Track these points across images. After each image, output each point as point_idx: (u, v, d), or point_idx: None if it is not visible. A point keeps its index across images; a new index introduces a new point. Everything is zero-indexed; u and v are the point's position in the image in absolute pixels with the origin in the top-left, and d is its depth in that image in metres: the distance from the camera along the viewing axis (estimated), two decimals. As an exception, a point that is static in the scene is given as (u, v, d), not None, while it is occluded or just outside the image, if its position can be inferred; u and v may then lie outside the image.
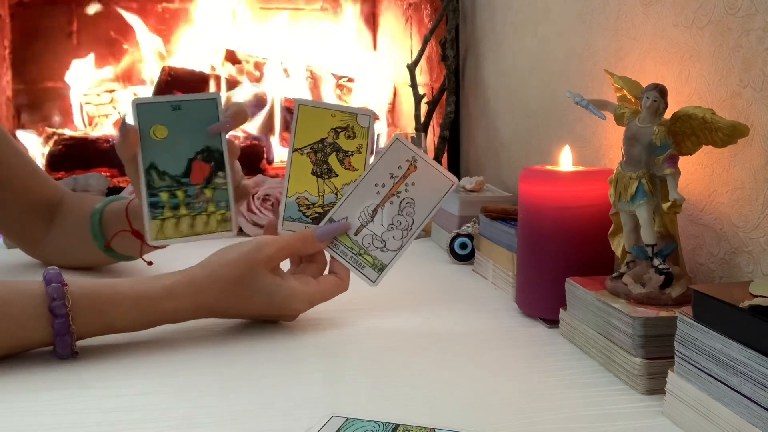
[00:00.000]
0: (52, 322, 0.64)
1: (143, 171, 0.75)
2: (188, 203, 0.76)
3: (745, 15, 0.65)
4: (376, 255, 0.75)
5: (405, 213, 0.75)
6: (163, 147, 0.76)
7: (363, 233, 0.76)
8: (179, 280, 0.70)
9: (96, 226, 0.92)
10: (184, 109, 0.77)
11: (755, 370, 0.45)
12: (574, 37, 1.00)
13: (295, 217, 0.77)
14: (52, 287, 0.64)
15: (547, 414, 0.55)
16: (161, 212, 0.75)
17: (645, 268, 0.65)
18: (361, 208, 0.76)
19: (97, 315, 0.66)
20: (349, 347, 0.70)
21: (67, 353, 0.65)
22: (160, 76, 1.86)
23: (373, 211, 0.76)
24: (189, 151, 0.77)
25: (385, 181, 0.76)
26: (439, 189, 0.76)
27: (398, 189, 0.76)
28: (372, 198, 0.76)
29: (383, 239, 0.75)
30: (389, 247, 0.75)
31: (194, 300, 0.70)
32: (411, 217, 0.75)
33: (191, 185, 0.76)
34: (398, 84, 2.01)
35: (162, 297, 0.69)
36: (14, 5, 1.91)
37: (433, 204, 0.76)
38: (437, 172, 0.76)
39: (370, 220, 0.76)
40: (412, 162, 0.76)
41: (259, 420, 0.54)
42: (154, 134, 0.76)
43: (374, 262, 0.75)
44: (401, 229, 0.75)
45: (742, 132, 0.60)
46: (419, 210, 0.76)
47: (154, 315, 0.69)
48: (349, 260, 0.76)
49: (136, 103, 0.76)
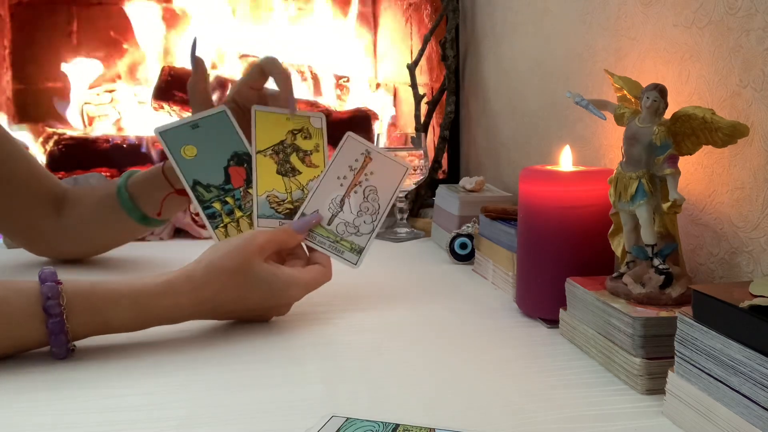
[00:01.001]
0: (47, 321, 0.63)
1: (190, 190, 0.82)
2: (240, 206, 0.83)
3: (745, 15, 0.65)
4: (352, 240, 0.81)
5: (370, 199, 0.83)
6: (197, 164, 0.83)
7: (336, 222, 0.82)
8: (177, 275, 0.70)
9: (127, 202, 0.95)
10: (202, 126, 0.84)
11: (755, 370, 0.45)
12: (574, 37, 1.00)
13: (268, 214, 0.82)
14: (47, 286, 0.64)
15: (547, 414, 0.55)
16: (221, 220, 0.82)
17: (645, 268, 0.65)
18: (329, 200, 0.82)
19: (92, 314, 0.66)
20: (349, 347, 0.70)
21: (62, 353, 0.65)
22: (160, 76, 1.86)
23: (340, 202, 0.82)
24: (221, 160, 0.83)
25: (346, 173, 0.83)
26: (395, 175, 0.84)
27: (359, 179, 0.83)
28: (337, 190, 0.83)
29: (355, 225, 0.82)
30: (362, 231, 0.82)
31: (194, 295, 0.70)
32: (376, 203, 0.83)
33: (235, 189, 0.83)
34: (398, 84, 2.01)
35: (160, 293, 0.68)
36: (14, 5, 1.91)
37: (393, 188, 0.84)
38: (391, 161, 0.85)
39: (339, 210, 0.82)
40: (367, 154, 0.84)
41: (259, 420, 0.54)
42: (185, 154, 0.83)
43: (352, 247, 0.81)
44: (370, 213, 0.82)
45: (742, 132, 0.60)
46: (382, 195, 0.83)
47: (152, 312, 0.68)
48: (328, 248, 0.81)
49: (160, 132, 0.83)
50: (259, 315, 0.76)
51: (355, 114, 1.84)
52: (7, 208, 0.98)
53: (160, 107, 1.85)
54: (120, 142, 1.70)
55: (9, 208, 0.98)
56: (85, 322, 0.65)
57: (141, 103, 1.91)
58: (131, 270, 1.00)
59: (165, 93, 1.85)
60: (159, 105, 1.85)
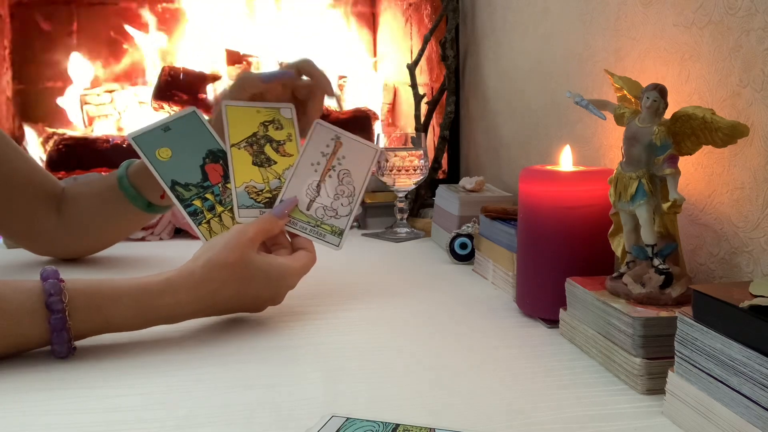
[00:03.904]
0: (49, 318, 0.63)
1: (169, 190, 0.83)
2: (220, 201, 0.84)
3: (745, 15, 0.65)
4: (332, 223, 0.83)
5: (345, 182, 0.85)
6: (173, 164, 0.84)
7: (314, 207, 0.83)
8: (178, 273, 0.70)
9: (130, 190, 0.95)
10: (173, 128, 0.86)
11: (755, 370, 0.45)
12: (574, 37, 1.00)
13: (248, 204, 0.83)
14: (49, 283, 0.64)
15: (547, 414, 0.55)
16: (203, 216, 0.83)
17: (645, 268, 0.65)
18: (306, 186, 0.84)
19: (94, 311, 0.66)
20: (349, 347, 0.70)
21: (64, 350, 0.65)
22: (159, 76, 1.86)
23: (317, 187, 0.84)
24: (197, 159, 0.85)
25: (319, 159, 0.85)
26: (367, 157, 0.86)
27: (332, 164, 0.85)
28: (312, 176, 0.84)
29: (333, 208, 0.84)
30: (341, 214, 0.84)
31: (195, 292, 0.70)
32: (351, 185, 0.85)
33: (214, 185, 0.84)
34: (398, 84, 2.01)
35: (162, 290, 0.69)
36: (14, 5, 1.91)
37: (366, 170, 0.86)
38: (361, 144, 0.87)
39: (317, 195, 0.84)
40: (337, 139, 0.86)
41: (259, 420, 0.54)
42: (160, 156, 0.84)
43: (332, 229, 0.83)
44: (346, 196, 0.84)
45: (742, 132, 0.60)
46: (356, 178, 0.85)
47: (153, 310, 0.69)
48: (309, 233, 0.82)
49: (133, 137, 0.85)
50: (255, 306, 0.77)
51: (355, 114, 1.84)
52: (6, 209, 0.98)
53: (160, 107, 1.85)
54: (120, 142, 1.70)
55: (8, 209, 0.98)
56: (86, 320, 0.66)
57: (141, 103, 1.91)
58: (132, 270, 1.00)
59: (165, 93, 1.85)
60: (159, 105, 1.85)
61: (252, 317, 0.78)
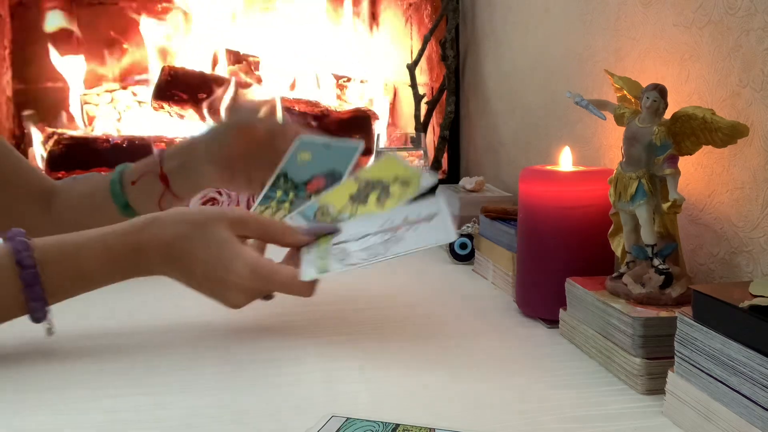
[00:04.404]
0: (20, 273, 0.63)
1: (273, 177, 0.84)
2: (292, 201, 0.82)
3: (745, 15, 0.65)
4: (329, 261, 0.69)
5: (384, 246, 0.69)
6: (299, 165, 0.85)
7: (340, 246, 0.71)
8: (144, 216, 0.70)
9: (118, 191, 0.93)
10: (332, 149, 0.86)
11: (755, 370, 0.45)
12: (574, 37, 1.00)
13: (307, 215, 0.79)
14: (16, 241, 0.64)
15: (547, 414, 0.55)
16: (268, 203, 0.83)
17: (645, 268, 0.65)
18: (360, 232, 0.72)
19: (64, 261, 0.66)
20: (349, 347, 0.70)
21: (40, 307, 0.64)
22: (160, 76, 1.86)
23: (363, 236, 0.72)
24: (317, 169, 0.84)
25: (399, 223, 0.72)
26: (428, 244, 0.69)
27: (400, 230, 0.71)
28: (373, 229, 0.72)
29: (347, 252, 0.70)
30: (346, 261, 0.69)
31: (155, 234, 0.68)
32: (386, 251, 0.68)
33: (305, 191, 0.83)
34: (398, 84, 2.01)
35: (126, 231, 0.69)
36: (14, 5, 1.91)
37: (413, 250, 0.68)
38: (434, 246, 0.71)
39: (356, 240, 0.71)
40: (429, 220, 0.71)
41: (259, 420, 0.54)
42: (300, 157, 0.85)
43: (321, 266, 0.69)
44: (370, 253, 0.69)
45: (742, 132, 0.60)
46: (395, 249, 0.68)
47: (120, 251, 0.68)
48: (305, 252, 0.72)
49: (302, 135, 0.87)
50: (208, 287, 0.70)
51: (355, 114, 1.84)
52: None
53: (160, 107, 1.85)
54: (120, 142, 1.70)
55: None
56: (59, 271, 0.65)
57: (141, 103, 1.91)
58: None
59: (165, 93, 1.85)
60: (159, 105, 1.85)
61: (252, 317, 0.78)
